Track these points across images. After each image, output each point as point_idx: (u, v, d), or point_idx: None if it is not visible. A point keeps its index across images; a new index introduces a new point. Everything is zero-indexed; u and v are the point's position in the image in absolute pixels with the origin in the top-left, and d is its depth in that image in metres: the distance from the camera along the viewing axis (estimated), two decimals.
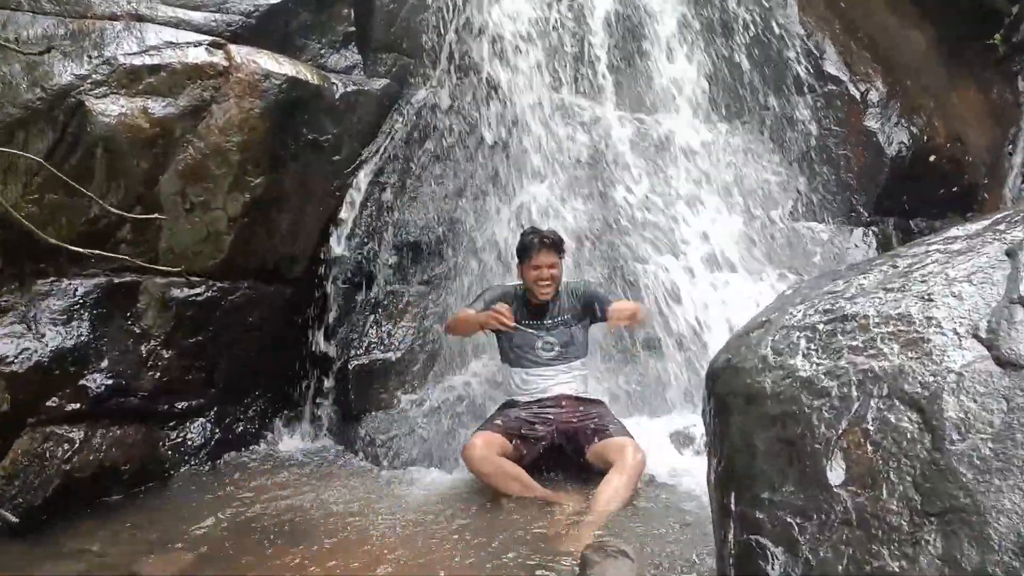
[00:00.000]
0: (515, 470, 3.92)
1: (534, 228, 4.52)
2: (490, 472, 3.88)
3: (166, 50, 4.38)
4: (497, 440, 4.00)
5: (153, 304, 4.34)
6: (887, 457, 2.06)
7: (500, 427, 4.10)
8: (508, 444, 4.02)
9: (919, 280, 2.49)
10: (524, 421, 4.17)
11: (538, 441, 4.15)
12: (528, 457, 4.11)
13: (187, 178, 4.38)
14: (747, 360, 2.62)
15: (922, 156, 5.65)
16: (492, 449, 3.93)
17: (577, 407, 4.24)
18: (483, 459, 3.89)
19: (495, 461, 3.90)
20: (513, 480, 3.88)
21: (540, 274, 4.27)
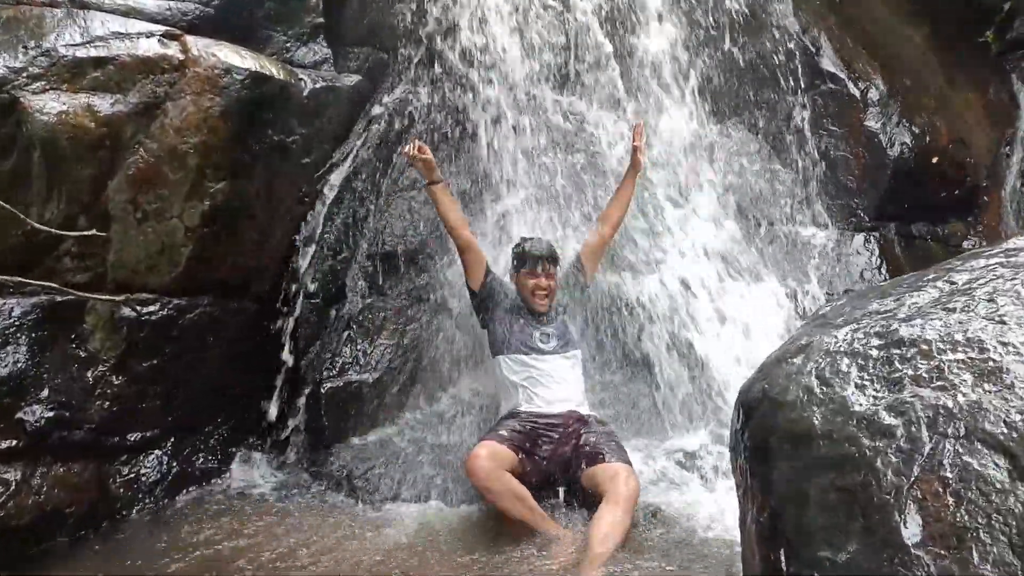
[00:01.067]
0: (522, 491, 3.61)
1: (533, 238, 4.30)
2: (497, 490, 3.56)
3: (114, 41, 3.95)
4: (504, 452, 3.69)
5: (101, 325, 3.91)
6: (973, 512, 1.75)
7: (506, 438, 3.77)
8: (515, 458, 3.72)
9: (985, 299, 2.20)
10: (530, 435, 3.87)
11: (543, 458, 3.85)
12: (531, 476, 3.79)
13: (139, 184, 3.96)
14: (789, 391, 2.29)
15: (925, 158, 5.38)
16: (499, 463, 3.62)
17: (579, 428, 3.94)
18: (490, 474, 3.57)
19: (503, 478, 3.58)
20: (519, 502, 3.57)
21: (539, 284, 4.11)
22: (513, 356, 4.08)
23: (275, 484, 4.27)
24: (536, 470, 3.82)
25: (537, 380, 4.03)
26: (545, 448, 3.87)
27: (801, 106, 5.51)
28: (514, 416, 3.98)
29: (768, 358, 2.62)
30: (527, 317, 4.16)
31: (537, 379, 4.03)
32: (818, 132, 5.47)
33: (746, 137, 5.63)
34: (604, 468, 3.67)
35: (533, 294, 4.10)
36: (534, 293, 4.10)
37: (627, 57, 5.41)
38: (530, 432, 3.88)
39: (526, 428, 3.88)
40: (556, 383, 4.03)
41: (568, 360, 4.13)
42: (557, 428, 3.92)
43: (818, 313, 2.83)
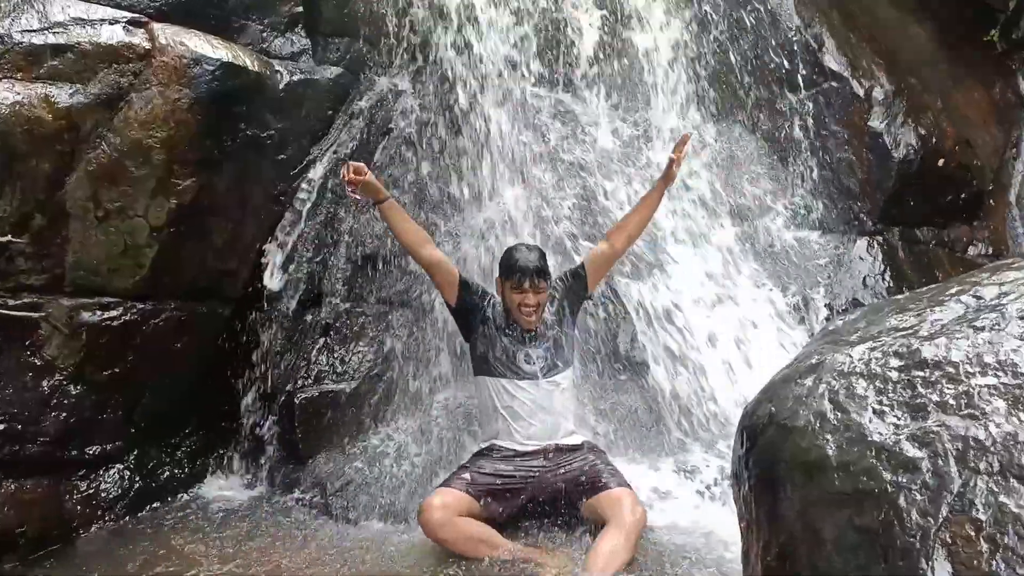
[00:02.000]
0: (481, 531, 3.40)
1: (523, 247, 3.84)
2: (450, 539, 3.36)
3: (74, 28, 3.71)
4: (460, 500, 3.44)
5: (58, 331, 3.66)
6: (1011, 560, 1.58)
7: (466, 483, 3.51)
8: (475, 504, 3.46)
9: (1018, 316, 2.00)
10: (499, 476, 3.59)
11: (516, 495, 3.59)
12: (505, 512, 3.56)
13: (100, 181, 3.73)
14: (799, 416, 2.08)
15: (931, 160, 5.18)
16: (451, 511, 3.38)
17: (569, 458, 3.66)
18: (441, 525, 3.35)
19: (456, 525, 3.37)
20: (480, 543, 3.36)
21: (525, 301, 3.68)
22: (494, 380, 3.74)
23: (245, 500, 4.05)
24: (509, 507, 3.59)
25: (518, 412, 3.69)
26: (520, 484, 3.61)
27: (801, 104, 5.31)
28: (486, 455, 3.70)
29: (774, 378, 2.40)
30: (512, 335, 3.76)
31: (518, 411, 3.69)
32: (820, 132, 5.28)
33: (745, 137, 5.44)
34: (607, 496, 3.46)
35: (519, 309, 3.71)
36: (520, 309, 3.70)
37: (622, 52, 5.21)
38: (501, 474, 3.60)
39: (497, 470, 3.60)
40: (538, 414, 3.70)
41: (555, 385, 3.76)
42: (534, 466, 3.64)
43: (828, 328, 2.62)
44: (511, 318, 3.76)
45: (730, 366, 4.49)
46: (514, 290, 3.67)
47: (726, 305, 4.80)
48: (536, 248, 3.84)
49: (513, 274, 3.66)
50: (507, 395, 3.71)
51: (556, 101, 5.07)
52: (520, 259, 3.69)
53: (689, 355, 4.48)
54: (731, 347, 4.58)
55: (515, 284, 3.66)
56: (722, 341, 4.57)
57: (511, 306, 3.73)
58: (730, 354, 4.54)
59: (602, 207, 4.84)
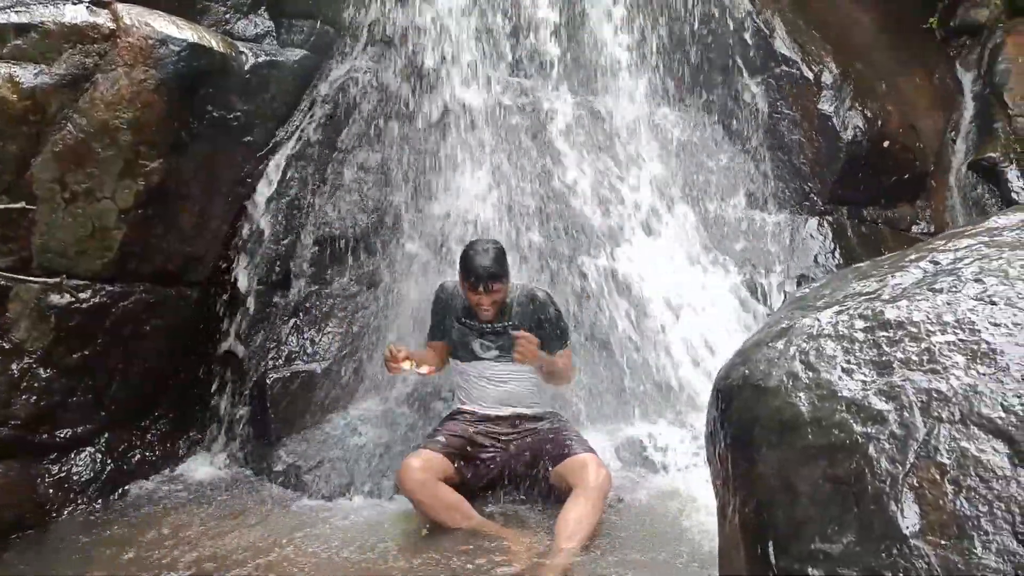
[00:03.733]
0: (457, 501, 3.49)
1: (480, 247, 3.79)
2: (427, 502, 3.44)
3: (37, 7, 3.68)
4: (439, 462, 3.54)
5: (27, 313, 3.63)
6: (974, 499, 1.68)
7: (442, 445, 3.63)
8: (450, 467, 3.58)
9: (972, 279, 2.12)
10: (470, 440, 3.72)
11: (486, 463, 3.71)
12: (475, 480, 3.68)
13: (66, 162, 3.69)
14: (772, 377, 2.18)
15: (877, 142, 5.37)
16: (431, 473, 3.48)
17: (533, 426, 3.80)
18: (421, 485, 3.44)
19: (433, 489, 3.46)
20: (455, 512, 3.46)
21: (480, 302, 3.75)
22: (457, 361, 3.93)
23: (218, 479, 4.05)
24: (479, 475, 3.72)
25: (475, 384, 3.86)
26: (489, 451, 3.75)
27: (755, 89, 5.45)
28: (454, 418, 3.85)
29: (746, 342, 2.51)
30: (470, 324, 3.88)
31: (475, 382, 3.86)
32: (772, 115, 5.42)
33: (700, 119, 5.55)
34: (572, 461, 3.57)
35: (477, 307, 3.78)
36: (478, 307, 3.78)
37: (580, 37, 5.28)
38: (471, 437, 3.74)
39: (467, 433, 3.74)
40: (495, 386, 3.85)
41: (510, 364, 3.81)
42: (500, 432, 3.79)
43: (795, 296, 2.74)
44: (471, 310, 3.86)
45: (689, 342, 4.63)
46: (470, 291, 3.74)
47: (684, 284, 4.94)
48: (492, 248, 3.78)
49: (469, 276, 3.72)
50: (465, 373, 3.89)
51: (517, 83, 5.12)
52: (476, 263, 3.69)
53: (651, 331, 4.62)
54: (690, 323, 4.72)
55: (471, 286, 3.73)
56: (682, 317, 4.71)
57: (470, 301, 3.81)
58: (689, 330, 4.68)
59: (560, 191, 4.93)
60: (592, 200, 4.88)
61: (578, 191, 4.91)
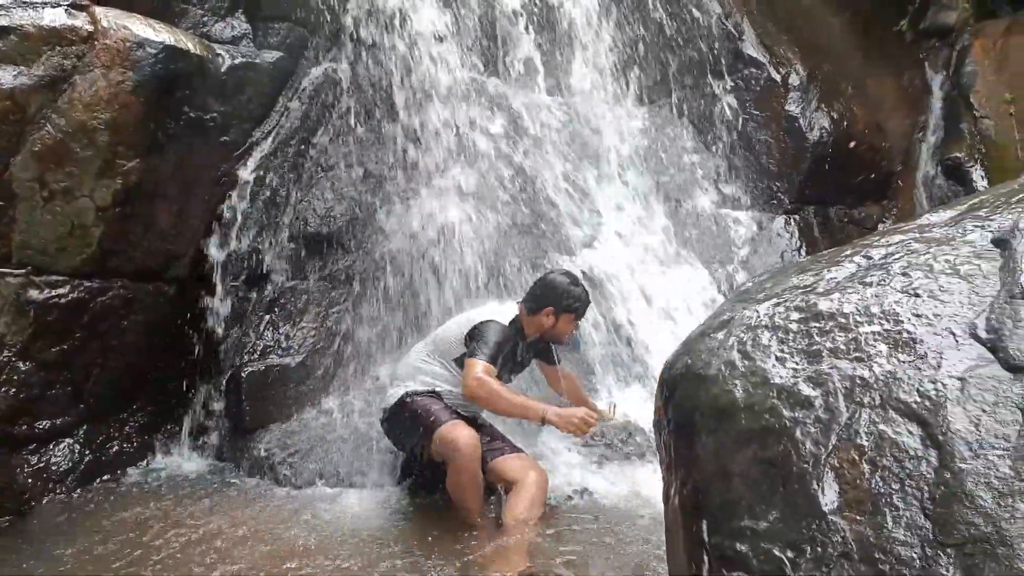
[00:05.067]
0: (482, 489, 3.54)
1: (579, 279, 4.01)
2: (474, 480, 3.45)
3: (16, 10, 3.78)
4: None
5: (7, 308, 3.73)
6: (888, 478, 1.78)
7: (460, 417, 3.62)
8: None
9: (900, 273, 2.23)
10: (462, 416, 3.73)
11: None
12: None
13: (45, 161, 3.79)
14: (711, 366, 2.29)
15: (843, 142, 5.52)
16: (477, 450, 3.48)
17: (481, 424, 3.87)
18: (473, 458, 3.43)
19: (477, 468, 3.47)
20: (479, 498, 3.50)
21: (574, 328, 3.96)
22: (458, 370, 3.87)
23: (194, 470, 4.16)
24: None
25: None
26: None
27: (724, 90, 5.59)
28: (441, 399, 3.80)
29: (691, 334, 2.63)
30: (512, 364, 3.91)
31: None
32: (741, 116, 5.56)
33: (670, 119, 5.69)
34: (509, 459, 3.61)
35: (566, 335, 3.91)
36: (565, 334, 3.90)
37: (553, 38, 5.40)
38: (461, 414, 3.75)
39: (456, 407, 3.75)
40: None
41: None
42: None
43: (740, 289, 2.87)
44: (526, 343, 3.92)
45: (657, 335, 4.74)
46: (574, 319, 3.91)
47: (655, 281, 5.06)
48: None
49: (577, 307, 3.86)
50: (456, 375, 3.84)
51: (492, 86, 5.23)
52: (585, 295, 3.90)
53: (623, 327, 4.73)
54: (660, 319, 4.84)
55: (577, 315, 3.90)
56: (652, 313, 4.83)
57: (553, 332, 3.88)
58: (659, 326, 4.80)
59: (535, 190, 5.05)
60: (563, 199, 4.99)
61: (552, 191, 5.02)
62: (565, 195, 5.00)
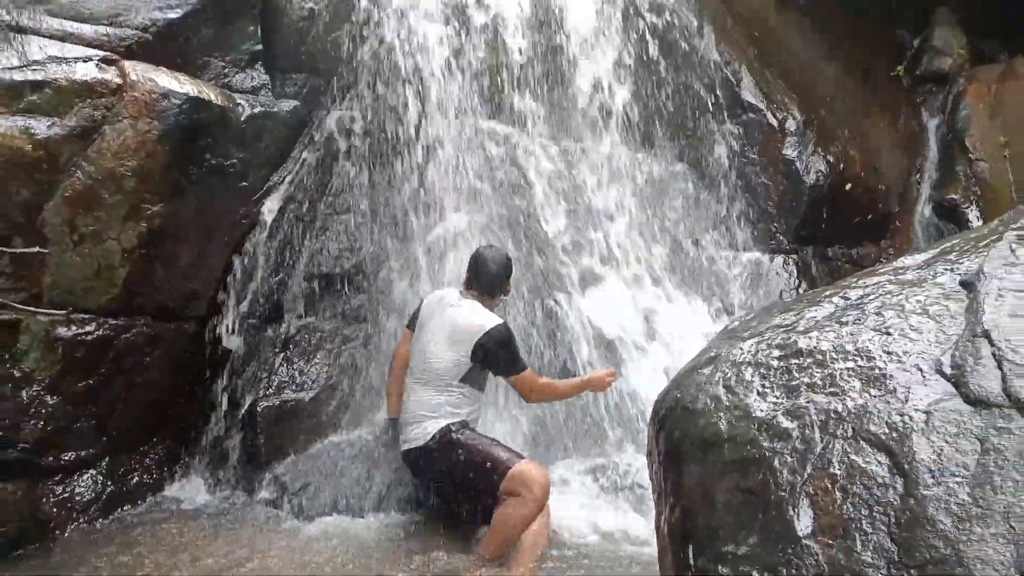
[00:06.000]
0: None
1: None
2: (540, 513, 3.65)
3: (51, 65, 4.01)
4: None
5: (36, 344, 3.91)
6: (858, 504, 1.92)
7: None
8: None
9: (874, 312, 2.39)
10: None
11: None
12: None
13: (76, 206, 4.00)
14: (699, 400, 2.46)
15: (839, 185, 5.70)
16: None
17: None
18: (547, 495, 3.67)
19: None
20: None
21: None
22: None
23: (210, 501, 4.29)
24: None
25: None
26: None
27: (723, 135, 5.79)
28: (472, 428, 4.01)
29: (681, 370, 2.80)
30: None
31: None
32: (740, 159, 5.76)
33: (673, 163, 5.88)
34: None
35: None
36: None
37: (557, 84, 5.61)
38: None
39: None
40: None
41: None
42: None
43: (728, 327, 3.03)
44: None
45: (664, 373, 4.89)
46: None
47: (657, 318, 5.21)
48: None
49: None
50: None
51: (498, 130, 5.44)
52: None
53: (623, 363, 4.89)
54: (660, 355, 4.99)
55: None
56: (652, 350, 4.98)
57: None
58: (659, 362, 4.95)
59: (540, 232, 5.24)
60: (567, 239, 5.18)
61: (554, 231, 5.21)
62: (567, 235, 5.18)
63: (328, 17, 5.01)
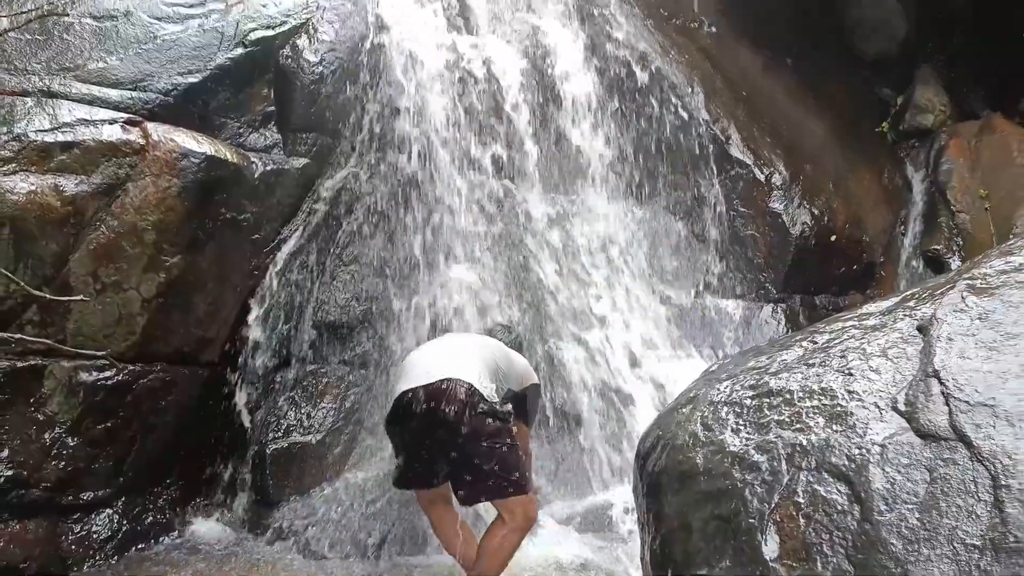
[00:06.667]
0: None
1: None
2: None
3: (80, 127, 4.28)
4: None
5: (59, 389, 4.12)
6: (819, 529, 2.11)
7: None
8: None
9: (838, 355, 2.60)
10: None
11: None
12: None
13: (99, 258, 4.24)
14: (678, 436, 2.67)
15: (824, 236, 5.95)
16: None
17: None
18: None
19: None
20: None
21: None
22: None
23: (221, 540, 4.44)
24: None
25: None
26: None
27: (714, 189, 6.06)
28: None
29: (664, 410, 3.03)
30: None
31: None
32: (729, 213, 6.02)
33: (666, 216, 6.13)
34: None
35: None
36: None
37: (553, 141, 5.89)
38: None
39: None
40: None
41: None
42: None
43: (708, 370, 3.25)
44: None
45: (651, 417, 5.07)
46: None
47: (650, 363, 5.43)
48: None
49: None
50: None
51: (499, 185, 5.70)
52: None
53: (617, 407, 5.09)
54: (653, 400, 5.19)
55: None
56: (643, 395, 5.18)
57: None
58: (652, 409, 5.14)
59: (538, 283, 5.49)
60: (564, 289, 5.41)
61: (552, 282, 5.45)
62: (564, 285, 5.42)
63: (336, 81, 5.29)
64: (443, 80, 5.52)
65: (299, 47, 5.27)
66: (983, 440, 1.99)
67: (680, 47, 6.57)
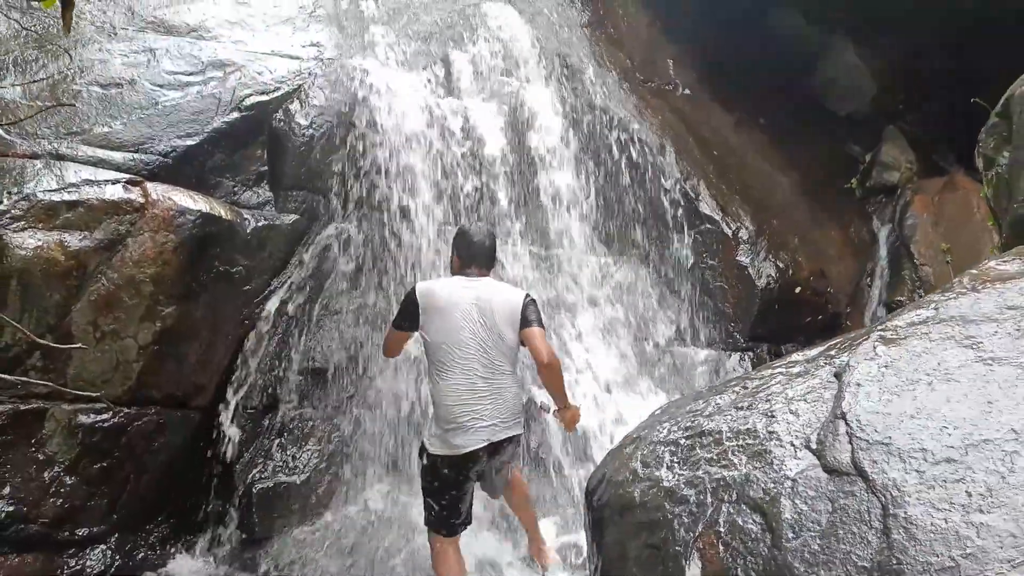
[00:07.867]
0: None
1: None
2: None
3: (84, 187, 4.62)
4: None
5: (59, 431, 4.40)
6: (736, 555, 2.37)
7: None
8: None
9: (764, 399, 2.87)
10: None
11: None
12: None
13: (100, 308, 4.54)
14: (619, 473, 2.94)
15: (788, 288, 6.24)
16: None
17: None
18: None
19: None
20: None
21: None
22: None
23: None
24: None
25: None
26: None
27: (684, 243, 6.37)
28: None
29: (612, 449, 3.30)
30: None
31: None
32: (699, 265, 6.32)
33: (639, 269, 6.43)
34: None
35: None
36: None
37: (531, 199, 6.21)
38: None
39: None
40: None
41: None
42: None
43: (654, 413, 3.52)
44: None
45: None
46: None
47: (624, 411, 5.68)
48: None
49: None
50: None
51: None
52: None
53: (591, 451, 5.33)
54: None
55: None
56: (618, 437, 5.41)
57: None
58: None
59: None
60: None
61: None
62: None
63: (325, 143, 5.61)
64: (425, 141, 5.84)
65: (291, 111, 5.60)
66: (878, 474, 2.23)
67: (654, 108, 6.93)
